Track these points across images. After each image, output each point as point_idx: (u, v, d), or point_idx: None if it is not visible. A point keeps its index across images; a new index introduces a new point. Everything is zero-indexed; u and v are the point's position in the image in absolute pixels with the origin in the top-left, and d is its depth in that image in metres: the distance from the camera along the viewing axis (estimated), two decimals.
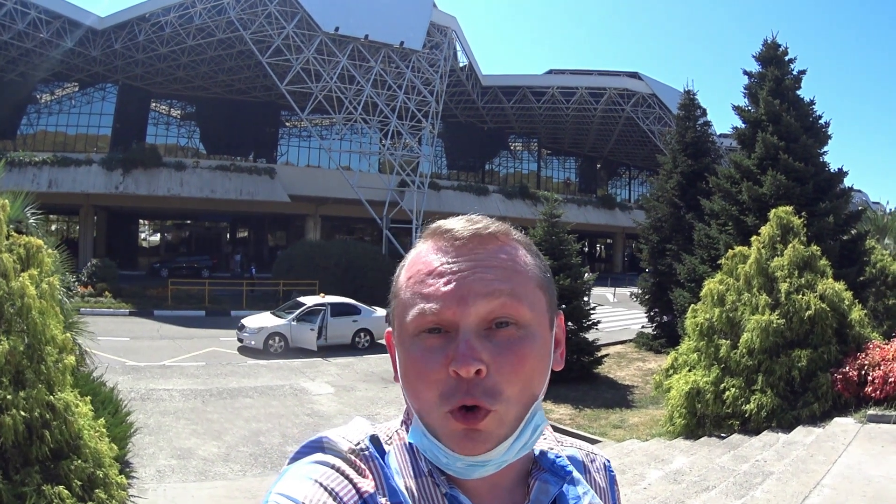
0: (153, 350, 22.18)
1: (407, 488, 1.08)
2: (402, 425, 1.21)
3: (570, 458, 1.30)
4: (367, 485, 1.06)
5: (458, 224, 1.15)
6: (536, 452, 1.23)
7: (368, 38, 41.35)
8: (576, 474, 1.24)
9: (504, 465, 1.09)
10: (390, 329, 1.19)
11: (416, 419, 1.10)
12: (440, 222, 1.18)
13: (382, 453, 1.14)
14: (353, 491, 1.03)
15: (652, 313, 28.50)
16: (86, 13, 41.26)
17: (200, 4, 39.68)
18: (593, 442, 12.63)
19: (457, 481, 1.10)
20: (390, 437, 1.18)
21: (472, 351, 1.02)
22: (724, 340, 13.48)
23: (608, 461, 1.42)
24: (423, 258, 1.14)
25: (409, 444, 1.14)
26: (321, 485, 1.01)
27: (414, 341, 1.08)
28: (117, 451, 8.80)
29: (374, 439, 1.16)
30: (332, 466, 1.06)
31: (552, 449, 1.28)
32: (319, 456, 1.09)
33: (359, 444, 1.13)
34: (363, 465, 1.10)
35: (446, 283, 1.07)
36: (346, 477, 1.05)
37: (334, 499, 1.00)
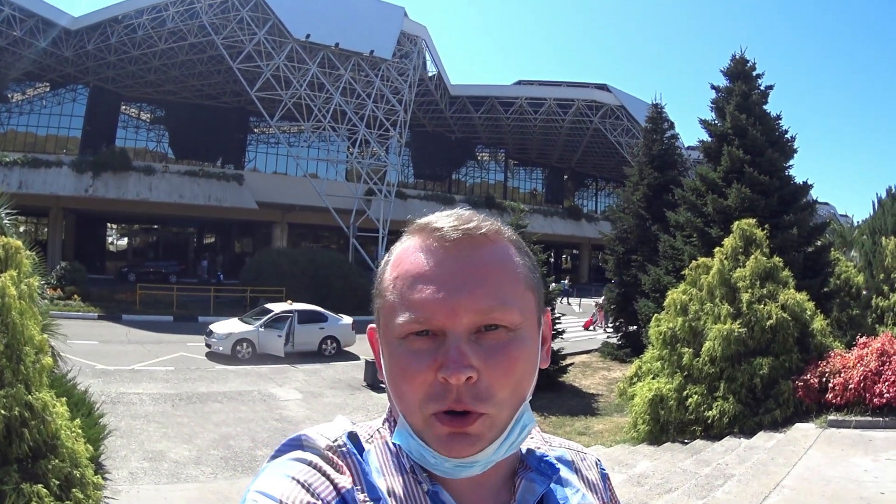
0: (122, 354, 22.03)
1: (388, 486, 1.08)
2: (384, 423, 1.20)
3: (559, 458, 1.28)
4: (345, 481, 1.06)
5: (447, 222, 1.10)
6: (523, 451, 1.22)
7: (339, 46, 41.31)
8: (564, 474, 1.25)
9: (492, 464, 1.07)
10: (374, 326, 1.18)
11: (402, 420, 1.08)
12: (429, 218, 1.14)
13: (361, 450, 1.14)
14: (331, 487, 1.03)
15: (617, 323, 28.75)
16: (60, 13, 40.75)
17: (173, 8, 39.45)
18: None
19: (441, 479, 1.10)
20: (371, 436, 1.18)
21: (462, 358, 1.01)
22: (686, 349, 13.71)
23: (599, 459, 1.41)
24: (410, 258, 1.09)
25: (392, 442, 1.14)
26: (298, 481, 1.01)
27: (401, 343, 1.06)
28: (92, 451, 8.82)
29: (353, 436, 1.15)
30: (310, 463, 1.05)
31: (539, 448, 1.27)
32: (298, 453, 1.08)
33: (336, 440, 1.12)
34: (341, 462, 1.09)
35: (436, 291, 1.04)
36: (324, 473, 1.05)
37: (311, 495, 1.00)
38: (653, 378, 14.36)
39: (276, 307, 25.07)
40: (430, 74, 52.31)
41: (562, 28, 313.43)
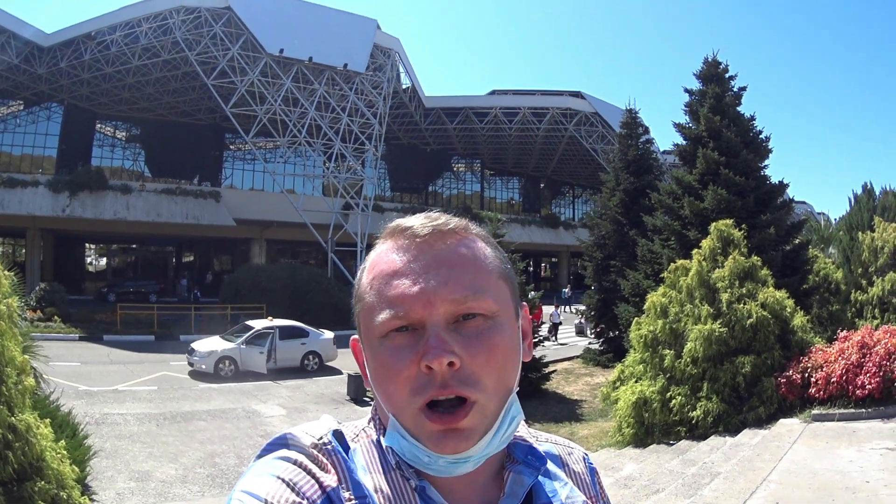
0: (105, 375, 21.85)
1: (375, 484, 1.09)
2: (369, 422, 1.21)
3: (546, 452, 1.28)
4: (330, 479, 1.06)
5: (416, 221, 1.14)
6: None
7: (312, 60, 41.36)
8: (552, 468, 1.26)
9: (485, 459, 1.09)
10: (356, 336, 1.20)
11: (393, 422, 1.09)
12: (399, 221, 1.17)
13: (347, 449, 1.14)
14: (316, 485, 1.03)
15: (598, 329, 28.83)
16: (33, 29, 40.35)
17: (146, 24, 39.27)
18: None
19: (428, 476, 1.10)
20: (357, 435, 1.18)
21: (443, 344, 1.02)
22: (668, 351, 13.76)
23: (587, 454, 1.42)
24: (384, 258, 1.13)
25: (378, 440, 1.15)
26: (283, 480, 1.02)
27: (382, 342, 1.08)
28: (78, 473, 8.74)
29: (338, 435, 1.15)
30: (294, 462, 1.06)
31: (524, 441, 1.25)
32: (283, 452, 1.08)
33: (321, 439, 1.12)
34: (326, 461, 1.09)
35: (411, 284, 1.07)
36: (308, 471, 1.05)
37: (296, 493, 1.00)
38: (636, 381, 14.38)
39: (258, 324, 25.02)
40: (404, 86, 52.36)
41: (534, 37, 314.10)
